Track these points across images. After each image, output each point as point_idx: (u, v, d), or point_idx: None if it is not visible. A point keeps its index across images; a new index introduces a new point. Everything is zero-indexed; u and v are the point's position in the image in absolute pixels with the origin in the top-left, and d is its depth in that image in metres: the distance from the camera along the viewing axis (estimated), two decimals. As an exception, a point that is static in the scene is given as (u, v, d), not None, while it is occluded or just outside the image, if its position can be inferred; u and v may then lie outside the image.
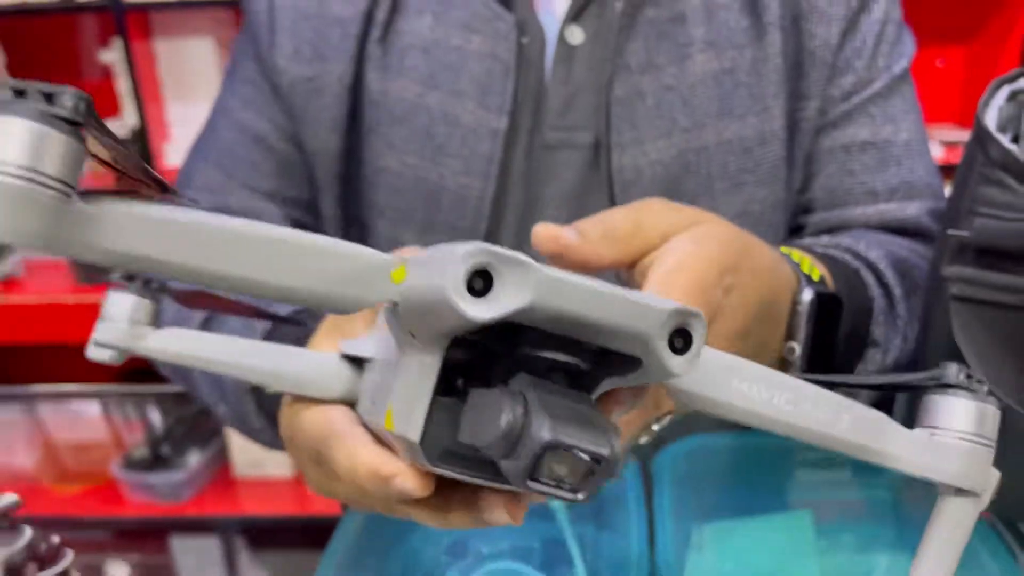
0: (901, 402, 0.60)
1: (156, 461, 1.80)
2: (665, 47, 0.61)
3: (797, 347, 0.47)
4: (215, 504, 1.82)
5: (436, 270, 0.24)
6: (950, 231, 0.48)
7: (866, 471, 0.63)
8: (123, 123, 1.75)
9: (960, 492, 0.32)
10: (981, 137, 0.48)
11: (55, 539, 0.49)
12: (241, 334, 0.55)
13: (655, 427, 0.39)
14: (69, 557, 0.49)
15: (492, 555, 0.61)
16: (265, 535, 1.87)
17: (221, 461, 1.88)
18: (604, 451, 0.25)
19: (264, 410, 0.56)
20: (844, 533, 0.61)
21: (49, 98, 0.22)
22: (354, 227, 0.68)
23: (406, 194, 0.63)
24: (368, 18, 0.62)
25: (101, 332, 0.42)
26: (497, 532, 0.61)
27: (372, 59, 0.62)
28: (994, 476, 0.33)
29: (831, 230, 0.66)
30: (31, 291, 1.71)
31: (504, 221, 0.63)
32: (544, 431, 0.24)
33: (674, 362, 0.26)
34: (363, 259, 0.27)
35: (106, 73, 1.81)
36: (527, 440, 0.25)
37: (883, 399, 0.56)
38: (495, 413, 0.25)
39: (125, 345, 0.41)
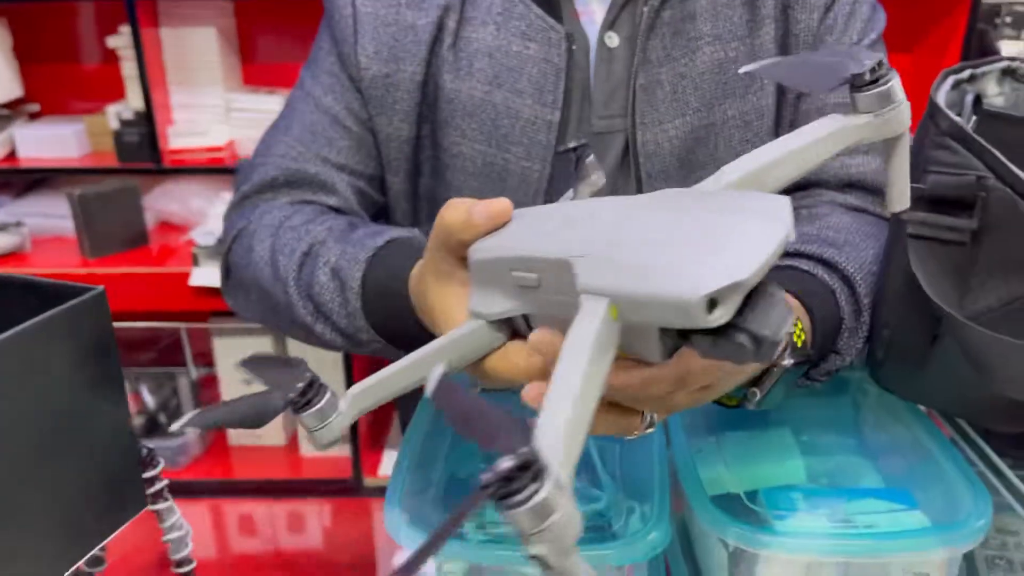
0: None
1: (153, 429, 1.88)
2: (679, 42, 0.74)
3: (759, 394, 0.57)
4: (210, 470, 1.91)
5: (676, 310, 0.35)
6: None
7: (831, 395, 0.76)
8: (128, 106, 1.82)
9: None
10: (933, 112, 0.62)
11: (148, 447, 0.58)
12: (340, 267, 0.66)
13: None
14: (161, 464, 0.57)
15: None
16: (259, 500, 1.95)
17: (217, 429, 1.97)
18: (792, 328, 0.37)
19: (373, 326, 0.66)
20: (818, 440, 0.74)
21: None
22: (423, 202, 0.80)
23: (478, 176, 0.76)
24: (439, 27, 0.74)
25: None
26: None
27: (446, 62, 0.75)
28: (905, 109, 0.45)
29: (807, 185, 0.78)
30: (37, 264, 1.78)
31: (558, 198, 0.75)
32: (767, 333, 0.36)
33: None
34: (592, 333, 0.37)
35: (109, 58, 1.88)
36: (766, 349, 0.36)
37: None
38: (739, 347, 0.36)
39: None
